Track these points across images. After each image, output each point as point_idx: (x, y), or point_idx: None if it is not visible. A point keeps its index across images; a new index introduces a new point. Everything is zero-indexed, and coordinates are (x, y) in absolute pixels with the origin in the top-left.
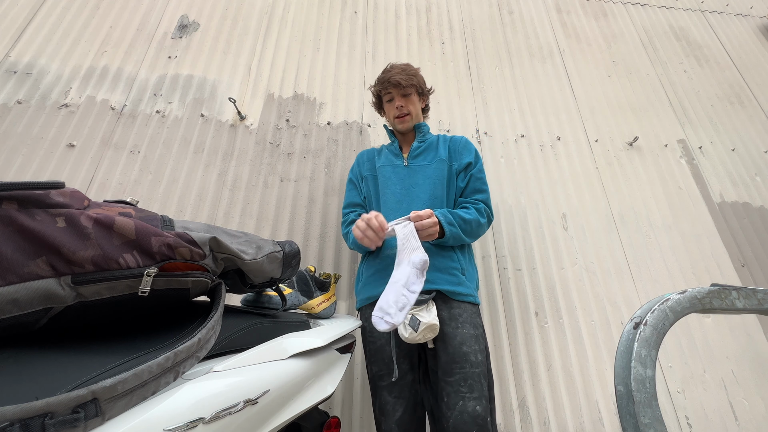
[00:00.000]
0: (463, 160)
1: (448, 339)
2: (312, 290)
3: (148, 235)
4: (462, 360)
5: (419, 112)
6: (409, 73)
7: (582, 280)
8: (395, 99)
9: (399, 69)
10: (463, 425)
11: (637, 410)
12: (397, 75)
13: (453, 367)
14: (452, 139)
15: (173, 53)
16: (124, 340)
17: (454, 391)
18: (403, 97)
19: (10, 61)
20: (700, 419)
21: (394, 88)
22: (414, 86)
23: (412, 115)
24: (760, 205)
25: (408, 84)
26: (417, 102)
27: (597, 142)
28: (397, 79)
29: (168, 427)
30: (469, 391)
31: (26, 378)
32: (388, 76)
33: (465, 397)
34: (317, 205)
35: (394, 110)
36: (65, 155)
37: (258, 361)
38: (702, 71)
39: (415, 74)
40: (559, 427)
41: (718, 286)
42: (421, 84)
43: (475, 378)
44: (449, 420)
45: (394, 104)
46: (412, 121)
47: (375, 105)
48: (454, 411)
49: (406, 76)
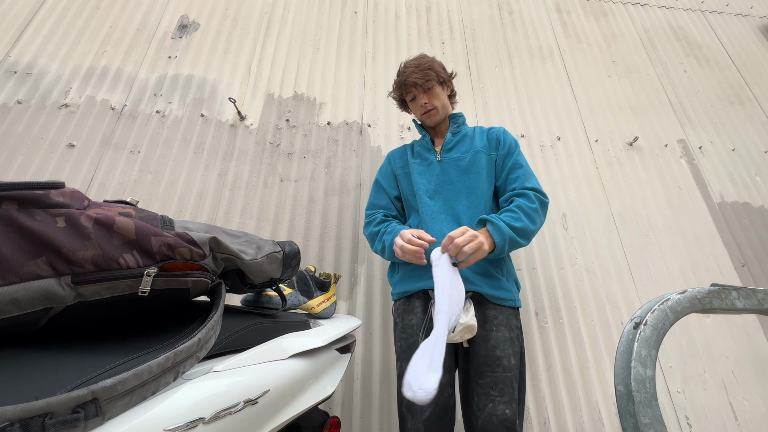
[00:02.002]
0: (501, 150)
1: (482, 341)
2: (312, 290)
3: (148, 235)
4: (494, 364)
5: (446, 102)
6: (424, 67)
7: (582, 280)
8: (418, 97)
9: (413, 67)
10: (491, 427)
11: (637, 410)
12: (412, 75)
13: (485, 370)
14: (490, 130)
15: (173, 53)
16: (124, 340)
17: (485, 393)
18: (426, 93)
19: (10, 61)
20: (700, 419)
21: (414, 88)
22: (433, 79)
23: (438, 108)
24: (760, 205)
25: (426, 80)
26: (441, 93)
27: (597, 142)
28: (413, 80)
29: (168, 427)
30: (499, 394)
31: (26, 378)
32: (404, 79)
33: (495, 400)
34: (317, 205)
35: (419, 108)
36: (65, 155)
37: (258, 361)
38: (702, 71)
39: (431, 66)
40: (559, 427)
41: (718, 286)
42: (440, 73)
43: (507, 382)
44: (478, 420)
45: (417, 103)
46: (440, 114)
47: (399, 107)
48: (483, 412)
49: (422, 73)
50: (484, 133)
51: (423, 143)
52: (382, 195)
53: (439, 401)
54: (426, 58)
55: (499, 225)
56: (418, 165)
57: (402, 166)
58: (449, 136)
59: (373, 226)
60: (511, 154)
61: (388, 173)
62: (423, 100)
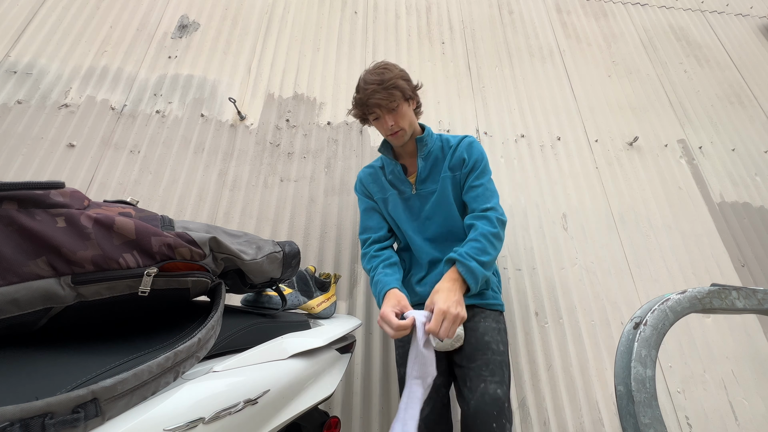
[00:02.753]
0: (464, 169)
1: (471, 332)
2: (312, 290)
3: (148, 235)
4: (484, 348)
5: (413, 119)
6: (388, 86)
7: (582, 280)
8: (383, 118)
9: (375, 85)
10: (484, 406)
11: (637, 410)
12: (375, 96)
13: (476, 354)
14: (457, 147)
15: (173, 53)
16: (124, 340)
17: (476, 375)
18: (391, 114)
19: (10, 61)
20: (700, 419)
21: (377, 108)
22: (399, 98)
23: (406, 128)
24: (760, 205)
25: (391, 100)
26: (408, 110)
27: (597, 142)
28: (376, 101)
29: (168, 427)
30: (490, 374)
31: (26, 378)
32: (366, 99)
33: (486, 380)
34: (317, 205)
35: (385, 129)
36: (65, 155)
37: (258, 361)
38: (702, 71)
39: (395, 83)
40: (559, 427)
41: (718, 286)
42: (405, 90)
43: (497, 364)
44: (470, 402)
45: (383, 124)
46: (407, 134)
47: (361, 122)
48: (476, 393)
49: (386, 93)
50: (450, 150)
51: (395, 173)
52: (371, 215)
53: (437, 401)
54: (388, 73)
55: (471, 266)
56: (396, 197)
57: (379, 192)
58: (421, 164)
59: (366, 262)
60: (474, 170)
61: (367, 195)
62: (389, 122)
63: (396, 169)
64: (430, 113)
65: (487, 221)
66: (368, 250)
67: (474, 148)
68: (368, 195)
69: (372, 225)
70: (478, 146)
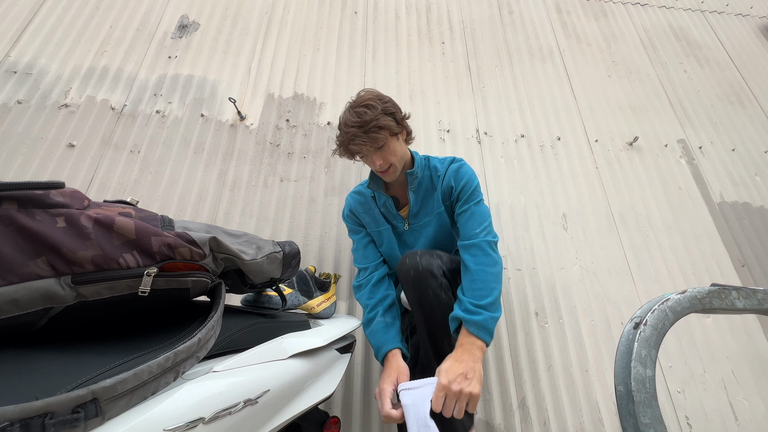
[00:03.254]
0: (452, 197)
1: None
2: (312, 290)
3: (148, 235)
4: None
5: (404, 151)
6: (369, 128)
7: (582, 280)
8: (370, 157)
9: (356, 128)
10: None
11: (637, 410)
12: (359, 141)
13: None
14: (445, 176)
15: (173, 53)
16: (124, 340)
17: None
18: (378, 152)
19: (10, 61)
20: (700, 419)
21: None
22: (384, 135)
23: (396, 163)
24: (760, 205)
25: (375, 141)
26: (397, 143)
27: (597, 142)
28: (358, 147)
29: (168, 427)
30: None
31: (26, 378)
32: (347, 143)
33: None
34: (317, 205)
35: (374, 168)
36: (65, 155)
37: (258, 361)
38: (702, 71)
39: (376, 123)
40: (559, 427)
41: (718, 286)
42: (390, 126)
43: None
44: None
45: (370, 162)
46: (398, 169)
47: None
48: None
49: (368, 137)
50: (439, 180)
51: (387, 206)
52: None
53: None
54: (369, 113)
55: (479, 321)
56: (390, 232)
57: (373, 224)
58: (412, 198)
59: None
60: (461, 197)
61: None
62: (377, 161)
63: (388, 203)
64: (430, 113)
65: (477, 249)
66: (364, 281)
67: (461, 174)
68: (360, 225)
69: (369, 255)
70: (465, 171)
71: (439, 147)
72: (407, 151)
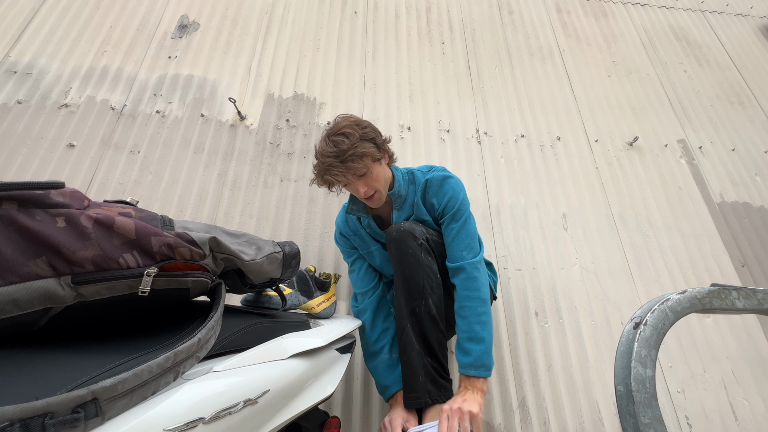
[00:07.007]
0: (436, 213)
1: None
2: (312, 290)
3: (148, 235)
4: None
5: (386, 175)
6: (346, 157)
7: (582, 280)
8: (352, 185)
9: (331, 158)
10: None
11: (637, 410)
12: (335, 171)
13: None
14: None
15: (173, 53)
16: (124, 340)
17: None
18: (361, 179)
19: (10, 61)
20: (700, 419)
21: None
22: (366, 162)
23: (381, 189)
24: (760, 205)
25: (356, 170)
26: (380, 168)
27: (597, 142)
28: (334, 178)
29: (168, 427)
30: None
31: (26, 378)
32: (324, 173)
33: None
34: (317, 205)
35: (359, 194)
36: (65, 155)
37: (258, 361)
38: (702, 71)
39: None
40: (559, 427)
41: (718, 286)
42: (370, 153)
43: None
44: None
45: (354, 190)
46: (384, 194)
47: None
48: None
49: (345, 167)
50: (420, 193)
51: (371, 227)
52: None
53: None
54: (346, 141)
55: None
56: (380, 250)
57: (363, 246)
58: (395, 216)
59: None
60: (445, 216)
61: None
62: (361, 189)
63: (371, 224)
64: (430, 113)
65: (462, 273)
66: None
67: (443, 191)
68: (353, 247)
69: (367, 279)
70: (448, 186)
71: (439, 147)
72: (390, 173)
